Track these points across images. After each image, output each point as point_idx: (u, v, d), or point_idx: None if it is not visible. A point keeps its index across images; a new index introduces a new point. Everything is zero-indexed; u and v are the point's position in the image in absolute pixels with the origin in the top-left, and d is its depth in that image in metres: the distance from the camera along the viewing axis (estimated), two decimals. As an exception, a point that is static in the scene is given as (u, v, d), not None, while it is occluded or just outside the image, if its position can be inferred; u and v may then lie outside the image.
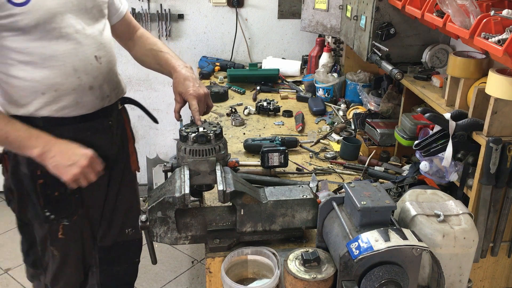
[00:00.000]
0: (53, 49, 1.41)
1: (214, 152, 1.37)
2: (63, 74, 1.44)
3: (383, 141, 1.99)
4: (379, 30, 1.91)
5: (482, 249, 1.48)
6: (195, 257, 2.93)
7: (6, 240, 2.99)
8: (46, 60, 1.40)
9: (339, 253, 1.08)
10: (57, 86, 1.44)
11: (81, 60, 1.47)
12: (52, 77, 1.42)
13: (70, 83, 1.46)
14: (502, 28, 1.25)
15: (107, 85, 1.57)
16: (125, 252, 1.86)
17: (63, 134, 1.47)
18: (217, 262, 1.37)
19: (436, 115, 1.47)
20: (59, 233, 1.59)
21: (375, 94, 2.29)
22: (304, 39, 3.30)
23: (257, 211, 1.36)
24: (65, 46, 1.43)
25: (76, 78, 1.46)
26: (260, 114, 2.46)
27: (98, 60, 1.52)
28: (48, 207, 1.53)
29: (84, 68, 1.48)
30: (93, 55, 1.50)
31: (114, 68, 1.62)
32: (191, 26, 3.20)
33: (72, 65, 1.45)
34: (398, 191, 1.67)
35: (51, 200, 1.53)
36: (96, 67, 1.51)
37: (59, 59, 1.42)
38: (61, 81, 1.44)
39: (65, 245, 1.64)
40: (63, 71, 1.44)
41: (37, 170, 1.48)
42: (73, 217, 1.59)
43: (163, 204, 1.31)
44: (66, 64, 1.44)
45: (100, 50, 1.53)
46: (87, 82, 1.49)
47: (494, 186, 1.39)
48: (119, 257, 1.86)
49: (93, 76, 1.51)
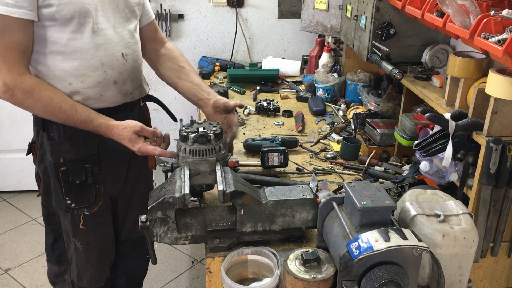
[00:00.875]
0: (84, 42, 1.47)
1: (214, 152, 1.37)
2: (91, 67, 1.50)
3: (383, 141, 1.99)
4: (379, 30, 1.91)
5: (482, 249, 1.48)
6: (195, 257, 2.93)
7: (6, 240, 2.99)
8: (76, 52, 1.47)
9: (339, 253, 1.08)
10: (83, 78, 1.50)
11: (108, 56, 1.53)
12: (80, 69, 1.48)
13: (96, 76, 1.52)
14: (502, 28, 1.25)
15: (130, 82, 1.63)
16: (137, 247, 1.90)
17: None
18: (217, 262, 1.37)
19: (436, 115, 1.47)
20: (80, 224, 1.64)
21: (375, 94, 2.29)
22: (304, 39, 3.30)
23: (257, 211, 1.36)
24: (96, 41, 1.49)
25: (102, 72, 1.52)
26: (260, 114, 2.46)
27: (125, 57, 1.58)
28: (69, 195, 1.58)
29: (111, 63, 1.54)
30: (120, 52, 1.56)
31: (139, 67, 1.68)
32: (191, 26, 3.20)
33: (100, 59, 1.51)
34: (398, 191, 1.67)
35: (72, 188, 1.58)
36: (122, 64, 1.57)
37: (88, 53, 1.49)
38: (88, 73, 1.50)
39: (87, 237, 1.68)
40: (91, 64, 1.50)
41: (60, 157, 1.55)
42: (94, 207, 1.63)
43: (163, 204, 1.31)
44: (95, 57, 1.50)
45: (128, 48, 1.59)
46: (112, 77, 1.55)
47: (494, 186, 1.39)
48: (131, 253, 1.89)
49: (119, 72, 1.57)
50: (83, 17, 1.45)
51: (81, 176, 1.57)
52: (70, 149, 1.55)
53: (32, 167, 1.71)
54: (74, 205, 1.60)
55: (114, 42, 1.54)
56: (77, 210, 1.61)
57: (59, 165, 1.55)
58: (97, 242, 1.72)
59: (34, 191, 3.40)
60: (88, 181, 1.59)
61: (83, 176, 1.58)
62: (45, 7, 1.39)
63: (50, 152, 1.55)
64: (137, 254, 1.91)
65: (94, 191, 1.62)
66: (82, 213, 1.62)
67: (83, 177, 1.58)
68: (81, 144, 1.57)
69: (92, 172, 1.60)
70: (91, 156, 1.58)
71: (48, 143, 1.55)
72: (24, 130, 3.24)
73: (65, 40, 1.45)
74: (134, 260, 1.91)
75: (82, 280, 1.73)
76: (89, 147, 1.58)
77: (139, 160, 1.77)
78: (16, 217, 3.19)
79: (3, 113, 3.24)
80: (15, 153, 3.33)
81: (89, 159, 1.58)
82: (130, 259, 1.90)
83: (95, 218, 1.66)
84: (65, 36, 1.45)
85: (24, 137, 3.26)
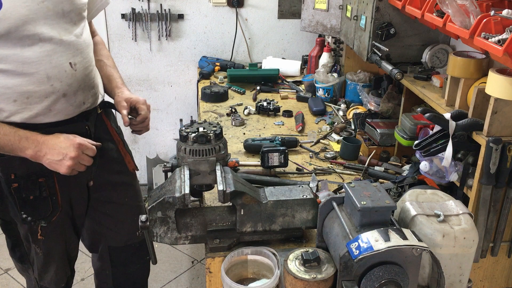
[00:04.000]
0: (25, 56, 1.38)
1: (214, 152, 1.37)
2: (36, 82, 1.41)
3: (383, 141, 1.99)
4: (379, 30, 1.91)
5: (482, 249, 1.48)
6: (195, 257, 2.93)
7: (6, 240, 2.99)
8: (18, 67, 1.37)
9: (339, 253, 1.08)
10: (28, 94, 1.41)
11: (54, 68, 1.43)
12: (24, 85, 1.39)
13: (42, 90, 1.43)
14: (502, 28, 1.25)
15: (82, 92, 1.54)
16: (137, 252, 1.87)
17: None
18: (217, 262, 1.37)
19: (436, 115, 1.46)
20: (38, 234, 1.59)
21: (375, 94, 2.29)
22: (304, 39, 3.30)
23: (257, 211, 1.36)
24: (38, 53, 1.40)
25: (49, 86, 1.43)
26: (260, 114, 2.46)
27: (73, 67, 1.48)
28: (24, 210, 1.52)
29: (58, 76, 1.44)
30: (68, 61, 1.47)
31: (90, 74, 1.58)
32: (191, 26, 3.20)
33: (46, 72, 1.42)
34: (398, 191, 1.67)
35: (27, 203, 1.51)
36: (71, 74, 1.48)
37: (32, 67, 1.39)
38: (33, 88, 1.41)
39: (46, 244, 1.63)
40: (36, 79, 1.41)
41: (11, 174, 1.47)
42: (52, 218, 1.58)
43: (163, 204, 1.31)
44: (39, 71, 1.41)
45: (76, 56, 1.50)
46: (61, 90, 1.46)
47: (494, 186, 1.39)
48: (131, 258, 1.87)
49: (67, 84, 1.47)
50: (20, 30, 1.34)
51: (34, 192, 1.50)
52: (21, 164, 1.46)
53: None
54: (30, 218, 1.54)
55: (60, 52, 1.44)
56: (33, 223, 1.55)
57: (11, 181, 1.48)
58: (57, 248, 1.68)
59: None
60: (43, 194, 1.52)
61: (37, 192, 1.51)
62: None
63: (0, 169, 1.47)
64: (138, 258, 1.90)
65: (50, 203, 1.55)
66: (39, 224, 1.57)
67: (37, 192, 1.51)
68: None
69: (47, 185, 1.53)
70: (44, 169, 1.46)
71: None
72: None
73: (4, 56, 1.35)
74: (135, 265, 1.90)
75: (43, 280, 1.71)
76: None
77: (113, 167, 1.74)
78: (16, 217, 3.19)
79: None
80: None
81: (42, 172, 1.49)
82: (131, 265, 1.88)
83: (53, 227, 1.61)
84: (4, 53, 1.34)
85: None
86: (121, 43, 3.18)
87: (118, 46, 3.18)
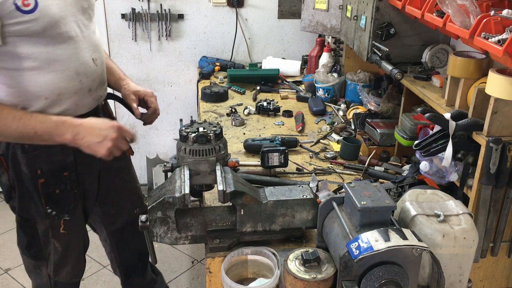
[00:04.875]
0: (57, 54, 1.43)
1: (214, 152, 1.37)
2: (66, 79, 1.47)
3: (383, 141, 1.99)
4: (379, 30, 1.91)
5: (482, 249, 1.48)
6: (195, 257, 2.93)
7: (6, 240, 2.99)
8: (51, 65, 1.43)
9: (339, 253, 1.08)
10: (60, 90, 1.46)
11: (81, 64, 1.50)
12: (56, 82, 1.45)
13: (72, 87, 1.49)
14: (502, 28, 1.25)
15: (101, 86, 1.62)
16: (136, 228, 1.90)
17: None
18: (217, 262, 1.37)
19: (436, 115, 1.46)
20: (60, 228, 1.63)
21: (375, 94, 2.29)
22: (304, 39, 3.30)
23: (257, 211, 1.36)
24: (68, 50, 1.46)
25: (78, 82, 1.50)
26: (260, 114, 2.46)
27: (95, 62, 1.56)
28: (49, 205, 1.57)
29: (85, 72, 1.52)
30: (91, 57, 1.54)
31: (104, 68, 1.66)
32: (191, 26, 3.20)
33: (75, 69, 1.48)
34: (398, 191, 1.67)
35: (52, 198, 1.56)
36: (94, 70, 1.55)
37: (63, 64, 1.45)
38: (64, 85, 1.47)
39: (67, 238, 1.68)
40: (67, 75, 1.47)
41: (38, 170, 1.51)
42: (75, 211, 1.63)
43: (163, 204, 1.31)
44: (70, 68, 1.47)
45: (96, 52, 1.57)
46: (87, 85, 1.53)
47: (494, 186, 1.39)
48: (132, 235, 1.92)
49: (92, 79, 1.55)
50: (54, 28, 1.40)
51: (60, 186, 1.56)
52: (47, 160, 1.51)
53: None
54: (55, 213, 1.58)
55: (84, 48, 1.51)
56: (57, 217, 1.60)
57: (37, 177, 1.52)
58: (76, 241, 1.73)
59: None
60: (67, 188, 1.58)
61: (62, 186, 1.56)
62: (12, 25, 1.33)
63: (26, 165, 1.51)
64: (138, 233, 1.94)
65: (73, 197, 1.61)
66: (62, 218, 1.62)
67: (62, 186, 1.56)
68: (58, 153, 1.53)
69: (71, 179, 1.58)
70: (69, 163, 1.55)
71: (24, 156, 1.50)
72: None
73: (38, 54, 1.40)
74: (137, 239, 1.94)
75: (59, 275, 1.75)
76: (66, 154, 1.55)
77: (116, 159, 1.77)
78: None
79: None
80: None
81: (66, 167, 1.56)
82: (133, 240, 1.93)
83: (74, 220, 1.66)
84: (38, 50, 1.40)
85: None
86: (121, 43, 3.18)
87: (118, 46, 3.18)
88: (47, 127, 1.40)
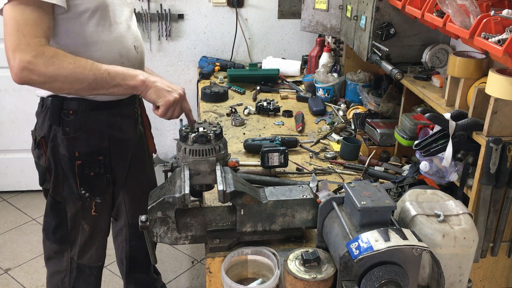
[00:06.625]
0: (105, 35, 1.53)
1: (214, 152, 1.37)
2: (111, 59, 1.54)
3: (383, 141, 1.99)
4: (379, 30, 1.91)
5: (482, 249, 1.48)
6: (195, 257, 2.93)
7: (6, 240, 2.99)
8: (98, 44, 1.52)
9: (339, 253, 1.08)
10: None
11: (125, 48, 1.60)
12: (101, 61, 1.48)
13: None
14: (502, 28, 1.25)
15: None
16: None
17: (97, 117, 1.61)
18: (217, 262, 1.37)
19: (436, 115, 1.47)
20: (92, 210, 1.71)
21: (375, 94, 2.29)
22: (304, 39, 3.30)
23: (257, 211, 1.36)
24: (115, 33, 1.56)
25: (120, 64, 1.55)
26: (260, 114, 2.46)
27: (136, 50, 1.66)
28: (83, 186, 1.65)
29: (127, 55, 1.61)
30: (133, 44, 1.65)
31: (144, 59, 1.76)
32: (191, 26, 3.20)
33: (119, 51, 1.58)
34: (398, 191, 1.67)
35: (87, 180, 1.64)
36: (135, 56, 1.65)
37: (109, 45, 1.55)
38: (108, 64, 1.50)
39: (95, 220, 1.75)
40: (111, 56, 1.55)
41: (76, 151, 1.60)
42: (105, 195, 1.72)
43: (163, 204, 1.31)
44: (114, 49, 1.57)
45: (137, 41, 1.69)
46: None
47: (494, 186, 1.39)
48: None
49: (132, 63, 1.62)
50: (104, 10, 1.51)
51: (95, 168, 1.64)
52: (84, 143, 1.60)
53: (32, 167, 1.72)
54: (88, 194, 1.66)
55: (127, 35, 1.62)
56: (90, 199, 1.68)
57: (75, 158, 1.60)
58: (103, 224, 1.81)
59: (34, 191, 3.41)
60: (101, 171, 1.66)
61: (97, 168, 1.64)
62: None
63: (66, 147, 1.59)
64: None
65: (105, 180, 1.69)
66: (94, 201, 1.70)
67: (97, 169, 1.64)
68: (96, 137, 1.62)
69: (104, 163, 1.66)
70: (103, 148, 1.64)
71: (63, 138, 1.58)
72: (24, 130, 3.25)
73: (89, 33, 1.49)
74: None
75: (83, 258, 1.80)
76: (102, 139, 1.64)
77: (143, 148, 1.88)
78: (16, 217, 3.19)
79: (3, 113, 3.24)
80: (15, 153, 3.33)
81: (101, 151, 1.64)
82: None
83: (104, 203, 1.74)
84: (89, 29, 1.49)
85: (24, 137, 3.26)
86: (121, 43, 3.18)
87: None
88: (119, 70, 1.46)
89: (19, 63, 1.32)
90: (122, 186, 1.81)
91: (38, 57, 1.33)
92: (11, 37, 1.32)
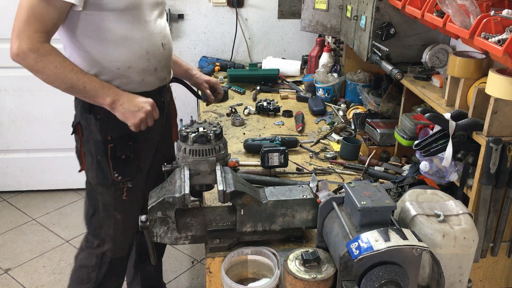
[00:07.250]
0: (134, 32, 1.63)
1: (214, 152, 1.37)
2: (137, 55, 1.65)
3: (383, 141, 1.99)
4: (379, 30, 1.91)
5: (482, 249, 1.48)
6: (195, 257, 2.93)
7: (6, 240, 2.99)
8: (127, 41, 1.62)
9: (339, 253, 1.08)
10: (130, 64, 1.65)
11: (152, 45, 1.69)
12: (128, 56, 1.63)
13: (141, 63, 1.67)
14: (502, 28, 1.25)
15: (165, 68, 1.80)
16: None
17: None
18: (217, 262, 1.37)
19: (436, 115, 1.47)
20: (123, 195, 1.77)
21: (375, 94, 2.29)
22: (304, 39, 3.30)
23: (257, 211, 1.36)
24: (143, 32, 1.65)
25: (146, 60, 1.68)
26: (260, 114, 2.46)
27: (164, 47, 1.75)
28: (116, 169, 1.72)
29: (154, 52, 1.70)
30: (161, 42, 1.73)
31: (171, 55, 1.87)
32: (191, 26, 3.20)
33: (146, 48, 1.67)
34: (398, 191, 1.67)
35: (119, 163, 1.72)
36: (162, 53, 1.74)
37: (136, 42, 1.64)
38: (135, 60, 1.65)
39: (127, 208, 1.80)
40: (138, 52, 1.65)
41: (108, 135, 1.69)
42: (136, 180, 1.78)
43: (163, 204, 1.31)
44: (142, 46, 1.66)
45: (165, 39, 1.77)
46: (154, 64, 1.71)
47: (494, 186, 1.39)
48: None
49: (158, 60, 1.73)
50: (135, 9, 1.61)
51: (126, 151, 1.71)
52: (116, 127, 1.66)
53: (33, 167, 1.73)
54: (121, 178, 1.73)
55: (156, 33, 1.71)
56: (122, 183, 1.74)
57: (107, 142, 1.69)
58: (134, 213, 1.82)
59: (34, 191, 3.41)
60: (131, 156, 1.73)
61: (128, 152, 1.72)
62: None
63: (99, 131, 1.68)
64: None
65: (135, 166, 1.75)
66: (125, 186, 1.76)
67: (128, 152, 1.72)
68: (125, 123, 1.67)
69: (134, 149, 1.73)
70: (132, 134, 1.69)
71: (96, 123, 1.67)
72: (24, 130, 3.25)
73: (119, 30, 1.59)
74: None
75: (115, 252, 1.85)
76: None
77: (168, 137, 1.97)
78: (16, 217, 3.19)
79: (3, 113, 3.24)
80: (15, 153, 3.32)
81: (131, 137, 1.71)
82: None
83: (135, 190, 1.79)
84: (119, 26, 1.59)
85: (24, 137, 3.26)
86: (121, 43, 3.18)
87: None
88: (95, 86, 1.56)
89: (16, 49, 1.46)
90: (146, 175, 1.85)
91: (32, 51, 1.46)
92: (19, 23, 1.46)
